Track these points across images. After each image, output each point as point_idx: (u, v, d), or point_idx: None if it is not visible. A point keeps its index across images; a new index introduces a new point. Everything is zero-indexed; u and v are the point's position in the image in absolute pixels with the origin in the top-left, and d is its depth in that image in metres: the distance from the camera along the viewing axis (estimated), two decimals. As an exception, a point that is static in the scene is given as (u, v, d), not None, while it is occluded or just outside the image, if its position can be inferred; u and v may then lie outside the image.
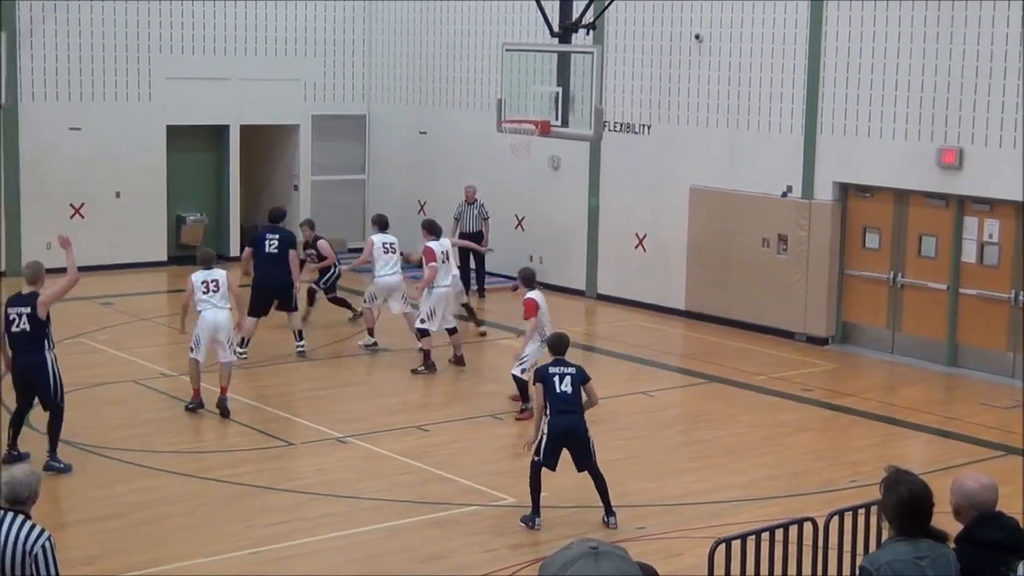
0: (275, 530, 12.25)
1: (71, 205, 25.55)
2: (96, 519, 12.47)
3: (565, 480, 13.73)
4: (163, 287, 25.40)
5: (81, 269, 21.10)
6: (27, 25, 25.05)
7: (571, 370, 12.54)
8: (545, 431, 12.31)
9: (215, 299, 16.07)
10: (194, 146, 27.42)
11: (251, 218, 28.66)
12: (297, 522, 12.52)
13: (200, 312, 16.09)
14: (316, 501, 13.08)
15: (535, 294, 16.27)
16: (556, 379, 12.42)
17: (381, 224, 20.02)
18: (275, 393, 17.42)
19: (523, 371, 15.90)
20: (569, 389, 12.38)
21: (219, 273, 16.26)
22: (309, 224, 21.87)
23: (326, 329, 20.86)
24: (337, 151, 28.90)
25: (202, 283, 16.12)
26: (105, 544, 11.86)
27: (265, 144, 28.62)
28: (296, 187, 28.66)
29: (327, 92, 28.48)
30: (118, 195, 26.08)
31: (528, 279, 16.53)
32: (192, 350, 16.18)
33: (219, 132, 27.58)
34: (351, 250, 27.69)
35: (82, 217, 25.11)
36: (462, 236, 23.49)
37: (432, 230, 19.02)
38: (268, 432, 15.32)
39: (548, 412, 12.31)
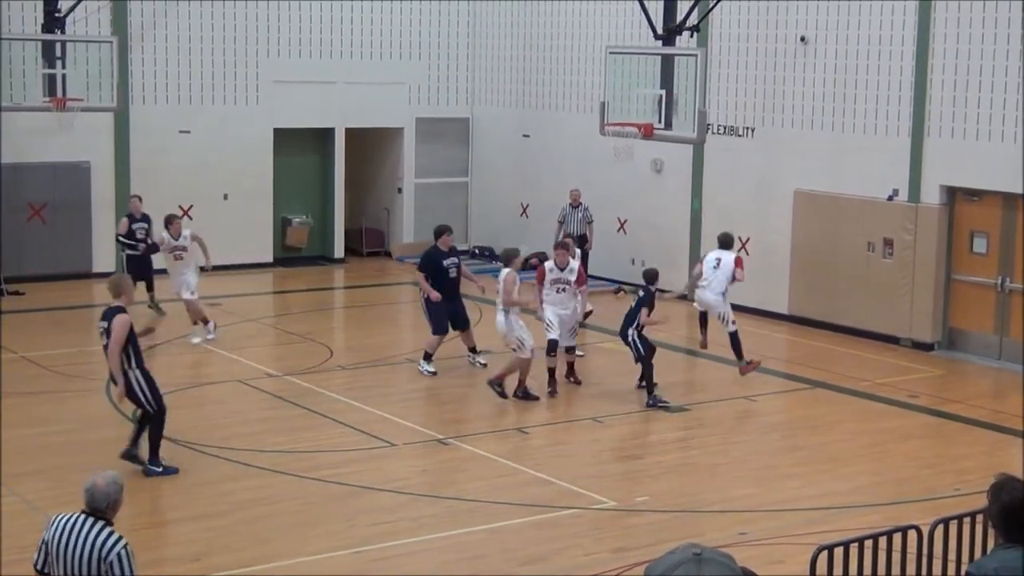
0: (377, 530, 12.36)
1: (180, 207, 25.92)
2: (203, 516, 12.66)
3: (666, 484, 13.70)
4: (268, 288, 25.74)
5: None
6: (138, 30, 25.52)
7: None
8: None
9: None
10: (300, 149, 27.74)
11: (356, 221, 28.95)
12: (399, 522, 12.62)
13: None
14: (417, 502, 13.17)
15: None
16: None
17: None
18: (378, 394, 17.56)
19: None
20: None
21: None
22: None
23: (427, 331, 20.95)
24: (441, 154, 29.07)
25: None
26: (211, 541, 12.05)
27: (370, 147, 28.88)
28: (400, 190, 28.88)
29: (431, 95, 28.65)
30: (226, 197, 26.48)
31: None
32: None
33: (325, 135, 27.88)
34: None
35: (190, 219, 25.45)
36: (568, 238, 23.44)
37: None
38: (371, 433, 15.45)
39: None
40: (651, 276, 17.52)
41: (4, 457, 14.35)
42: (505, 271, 16.99)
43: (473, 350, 19.00)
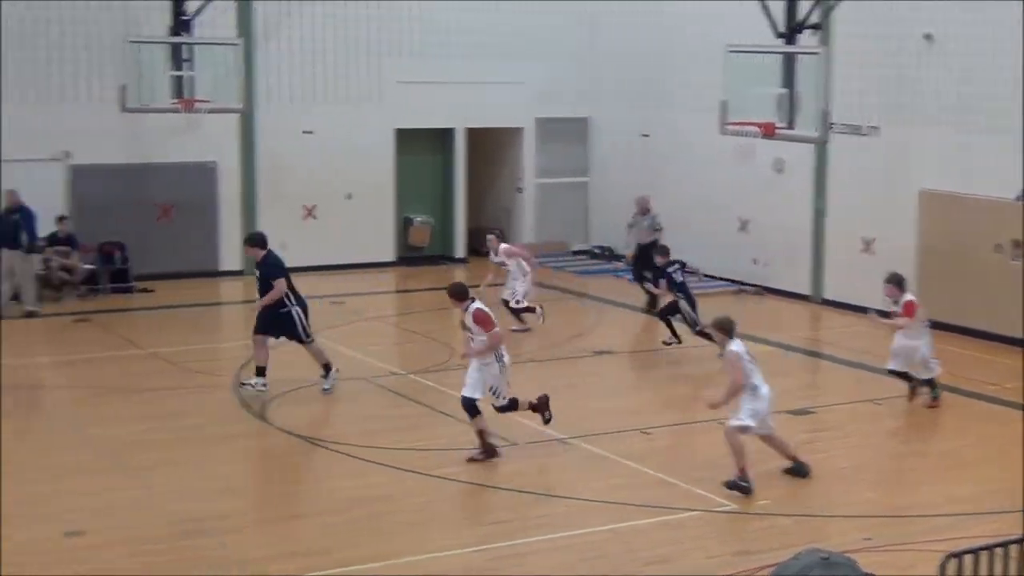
0: (499, 528, 12.44)
1: (303, 206, 26.34)
2: (328, 512, 12.84)
3: (788, 487, 13.60)
4: (391, 287, 25.98)
5: (312, 269, 21.82)
6: (263, 31, 25.90)
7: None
8: None
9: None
10: (421, 149, 27.97)
11: (476, 220, 29.11)
12: (520, 521, 12.69)
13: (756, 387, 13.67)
14: (538, 501, 13.22)
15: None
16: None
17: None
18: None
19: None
20: None
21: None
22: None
23: (547, 332, 21.03)
24: (560, 154, 29.12)
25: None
26: (337, 537, 12.21)
27: (490, 147, 29.02)
28: (520, 190, 28.99)
29: (551, 95, 28.70)
30: (349, 197, 26.78)
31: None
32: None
33: (446, 135, 28.08)
34: (574, 252, 27.92)
35: (314, 218, 25.84)
36: (639, 247, 23.30)
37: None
38: (493, 431, 15.52)
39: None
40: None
41: (134, 449, 14.70)
42: None
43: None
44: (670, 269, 20.09)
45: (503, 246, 21.43)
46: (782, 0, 19.91)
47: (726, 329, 13.66)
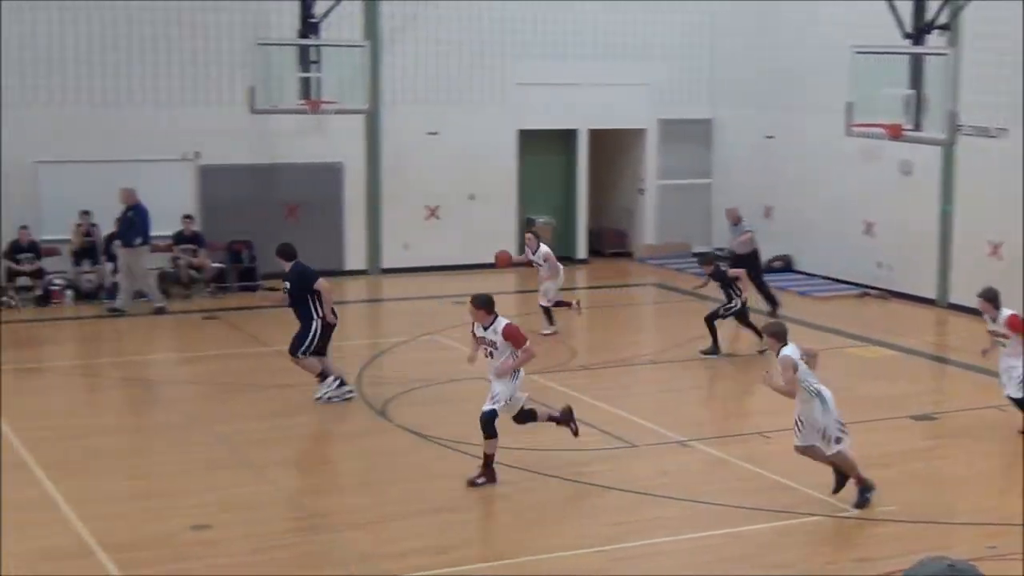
0: (618, 529, 12.47)
1: (426, 207, 26.58)
2: (447, 510, 12.98)
3: (911, 493, 13.45)
4: (511, 288, 26.09)
5: (434, 269, 22.06)
6: (389, 33, 26.19)
7: None
8: None
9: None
10: (544, 150, 28.07)
11: (598, 221, 29.15)
12: (639, 523, 12.71)
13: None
14: (657, 503, 13.23)
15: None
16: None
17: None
18: (620, 395, 17.69)
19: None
20: None
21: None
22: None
23: (669, 332, 20.99)
24: (683, 155, 29.04)
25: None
26: (457, 535, 12.34)
27: (612, 148, 29.03)
28: (642, 191, 28.96)
29: (673, 96, 28.64)
30: (471, 197, 26.98)
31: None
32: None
33: (568, 136, 28.15)
34: (694, 254, 27.84)
35: (437, 219, 26.05)
36: (734, 256, 22.88)
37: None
38: (611, 433, 15.58)
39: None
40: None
41: (260, 445, 14.98)
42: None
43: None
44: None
45: (543, 248, 21.29)
46: (909, 0, 19.65)
47: (778, 335, 13.21)
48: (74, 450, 14.84)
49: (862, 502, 12.93)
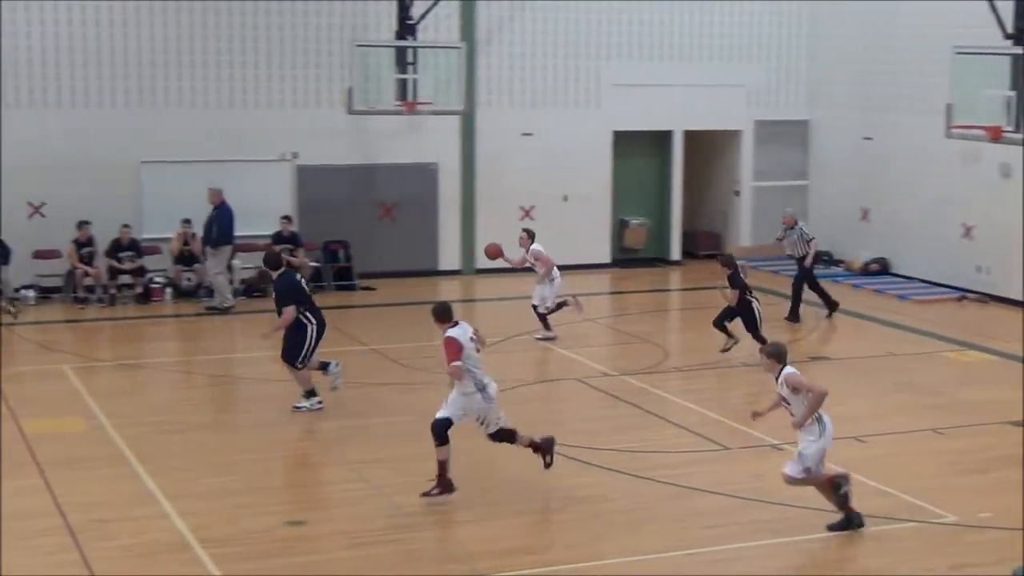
0: (710, 533, 12.43)
1: (520, 207, 26.64)
2: (543, 511, 13.01)
3: (1010, 500, 13.26)
4: (606, 288, 26.11)
5: (528, 270, 21.97)
6: (485, 35, 26.30)
7: None
8: None
9: None
10: (638, 151, 28.02)
11: (692, 223, 29.04)
12: (732, 526, 12.65)
13: None
14: (750, 506, 13.16)
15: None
16: None
17: None
18: (713, 397, 17.62)
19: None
20: None
21: None
22: None
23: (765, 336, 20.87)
24: (779, 157, 28.83)
25: None
26: (552, 536, 12.39)
27: (707, 149, 28.91)
28: (737, 193, 28.81)
29: (769, 98, 28.47)
30: (565, 199, 27.01)
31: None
32: None
33: (663, 137, 28.07)
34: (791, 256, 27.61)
35: (531, 219, 26.07)
36: (801, 263, 22.62)
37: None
38: (705, 435, 15.53)
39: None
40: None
41: (354, 442, 15.11)
42: None
43: None
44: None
45: (534, 247, 21.05)
46: (1011, 0, 19.36)
47: (777, 356, 12.45)
48: (172, 445, 15.08)
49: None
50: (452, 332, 13.05)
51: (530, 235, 21.28)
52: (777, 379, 12.42)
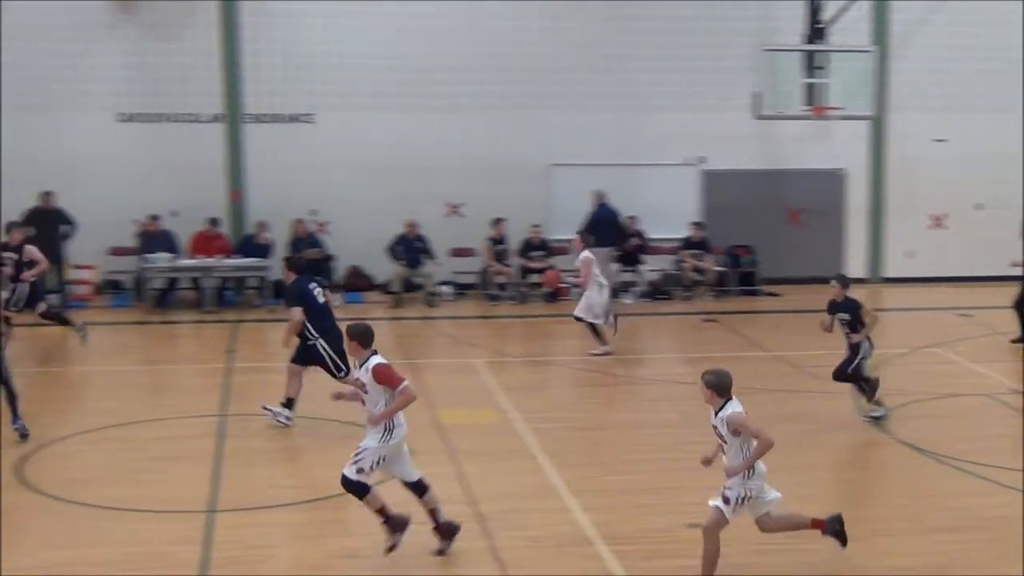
0: None
1: (931, 215, 25.93)
2: (945, 530, 12.63)
3: None
4: (906, 304, 24.99)
5: (939, 280, 21.48)
6: (899, 37, 25.71)
7: None
8: None
9: None
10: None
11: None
12: None
13: None
14: None
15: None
16: None
17: None
18: None
19: None
20: None
21: None
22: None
23: None
24: None
25: None
26: (953, 556, 12.02)
27: None
28: None
29: None
30: (979, 207, 26.08)
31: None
32: None
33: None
34: None
35: (943, 228, 25.36)
36: None
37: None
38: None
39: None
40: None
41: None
42: None
43: None
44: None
45: (584, 254, 19.89)
46: None
47: (717, 388, 10.90)
48: (576, 441, 15.49)
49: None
50: (379, 360, 11.26)
51: (583, 240, 20.42)
52: (717, 413, 10.97)
